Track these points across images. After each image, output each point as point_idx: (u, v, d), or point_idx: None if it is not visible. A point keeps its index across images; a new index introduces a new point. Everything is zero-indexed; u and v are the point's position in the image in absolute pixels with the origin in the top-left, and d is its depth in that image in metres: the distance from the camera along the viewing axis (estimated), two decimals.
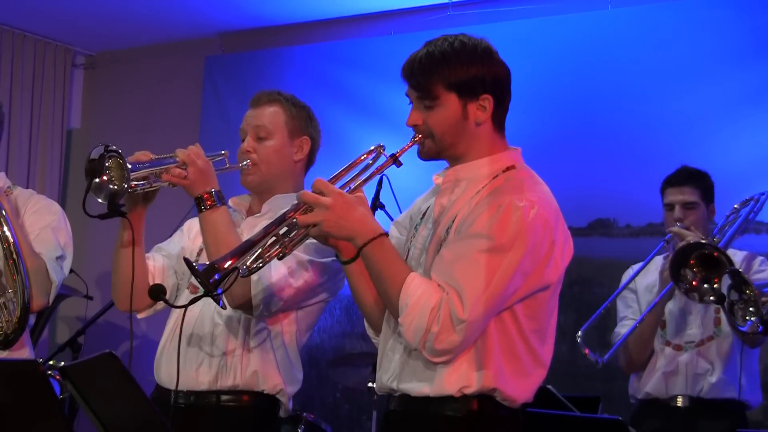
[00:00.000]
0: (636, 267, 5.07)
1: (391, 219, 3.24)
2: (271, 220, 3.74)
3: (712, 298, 4.37)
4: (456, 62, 3.00)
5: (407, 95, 3.09)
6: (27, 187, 4.50)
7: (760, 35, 6.08)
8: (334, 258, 3.48)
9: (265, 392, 3.72)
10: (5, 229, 3.93)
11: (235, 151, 3.84)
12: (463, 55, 3.02)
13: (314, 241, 3.51)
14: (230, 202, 3.90)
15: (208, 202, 3.55)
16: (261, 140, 3.81)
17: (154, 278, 3.85)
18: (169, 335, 3.83)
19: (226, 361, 3.68)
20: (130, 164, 3.37)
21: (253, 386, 3.70)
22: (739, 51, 6.12)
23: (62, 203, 7.96)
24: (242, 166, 3.80)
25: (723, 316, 4.80)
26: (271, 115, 3.84)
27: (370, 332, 3.33)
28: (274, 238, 2.98)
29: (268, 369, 3.71)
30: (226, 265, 2.91)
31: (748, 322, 4.00)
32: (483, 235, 2.87)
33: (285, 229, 3.00)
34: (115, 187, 3.36)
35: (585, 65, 6.57)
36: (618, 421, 3.98)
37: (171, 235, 4.06)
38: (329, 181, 3.00)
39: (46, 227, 4.22)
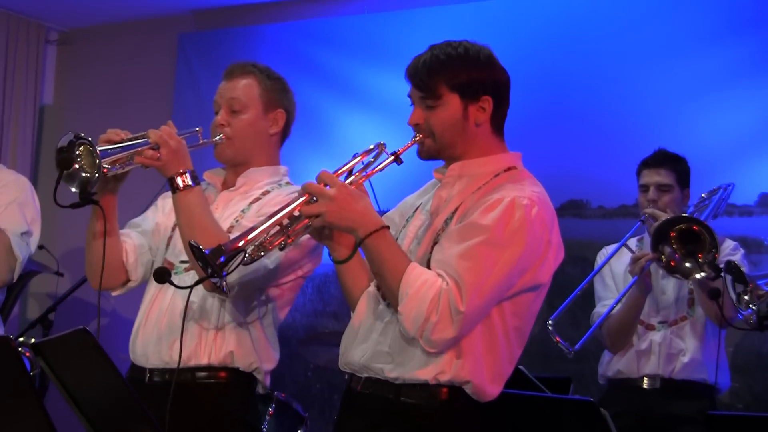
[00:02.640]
0: (610, 248, 5.09)
1: None
2: (246, 195, 3.78)
3: (704, 273, 4.42)
4: (459, 65, 3.11)
5: (409, 96, 3.18)
6: None
7: (734, 16, 6.11)
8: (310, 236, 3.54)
9: (240, 369, 3.69)
10: None
11: (209, 128, 3.82)
12: (466, 59, 3.13)
13: None
14: (204, 176, 3.89)
15: (182, 183, 3.51)
16: (235, 113, 3.78)
17: (128, 256, 3.82)
18: (144, 314, 3.79)
19: (201, 339, 3.65)
20: (100, 150, 3.33)
21: (228, 364, 3.67)
22: (713, 32, 6.14)
23: (34, 179, 7.95)
24: (216, 140, 3.77)
25: (696, 297, 4.84)
26: (244, 87, 3.80)
27: None
28: (277, 228, 3.02)
29: (243, 348, 3.68)
30: (231, 249, 2.94)
31: (748, 310, 4.02)
32: (484, 229, 2.94)
33: (287, 219, 3.02)
34: (87, 174, 3.34)
35: (558, 45, 6.58)
36: (589, 402, 3.99)
37: (145, 210, 4.04)
38: (333, 174, 3.05)
39: (12, 202, 4.19)
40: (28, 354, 4.50)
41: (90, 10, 8.20)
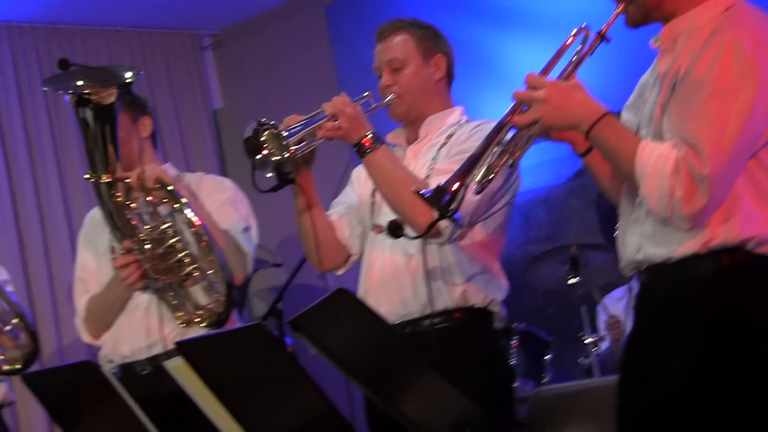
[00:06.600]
0: None
1: None
2: (432, 143, 3.79)
3: None
4: None
5: None
6: None
7: None
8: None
9: (475, 306, 3.74)
10: (189, 214, 4.02)
11: (378, 94, 3.85)
12: None
13: None
14: (388, 138, 3.93)
15: (368, 146, 3.59)
16: (397, 71, 3.82)
17: (341, 232, 3.94)
18: (366, 279, 3.88)
19: (430, 287, 3.70)
20: (284, 132, 3.47)
21: (462, 304, 3.73)
22: None
23: None
24: (387, 101, 3.82)
25: None
26: (399, 44, 3.85)
27: None
28: (498, 148, 2.93)
29: (473, 286, 3.73)
30: (454, 188, 2.91)
31: None
32: (706, 81, 2.71)
33: (507, 135, 2.93)
34: (278, 157, 3.48)
35: None
36: None
37: (343, 190, 4.13)
38: (540, 74, 2.92)
39: (224, 203, 4.31)
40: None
41: (234, 8, 8.30)
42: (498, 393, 3.79)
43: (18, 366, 4.85)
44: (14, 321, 4.85)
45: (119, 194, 4.11)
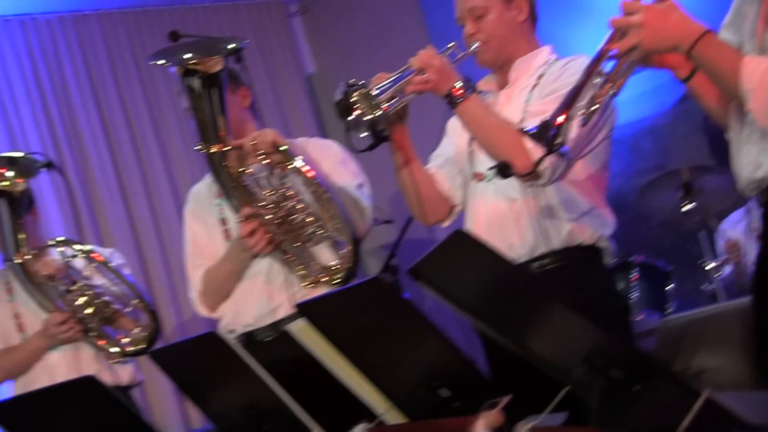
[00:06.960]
0: None
1: None
2: (523, 86, 3.76)
3: None
4: None
5: None
6: None
7: None
8: None
9: (583, 244, 3.72)
10: (307, 172, 4.05)
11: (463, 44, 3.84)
12: None
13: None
14: (479, 86, 3.90)
15: (458, 95, 3.57)
16: (480, 19, 3.79)
17: (442, 184, 3.96)
18: (473, 223, 3.88)
19: (536, 230, 3.70)
20: (374, 90, 3.48)
21: (569, 243, 3.71)
22: None
23: None
24: (473, 50, 3.80)
25: None
26: None
27: None
28: (600, 79, 2.89)
29: (579, 224, 3.71)
30: (559, 121, 2.89)
31: None
32: None
33: (607, 65, 2.90)
34: (370, 116, 3.50)
35: None
36: None
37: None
38: None
39: (335, 164, 4.35)
40: None
41: None
42: (614, 329, 3.73)
43: (143, 346, 4.93)
44: (134, 302, 4.94)
45: (231, 163, 4.14)
